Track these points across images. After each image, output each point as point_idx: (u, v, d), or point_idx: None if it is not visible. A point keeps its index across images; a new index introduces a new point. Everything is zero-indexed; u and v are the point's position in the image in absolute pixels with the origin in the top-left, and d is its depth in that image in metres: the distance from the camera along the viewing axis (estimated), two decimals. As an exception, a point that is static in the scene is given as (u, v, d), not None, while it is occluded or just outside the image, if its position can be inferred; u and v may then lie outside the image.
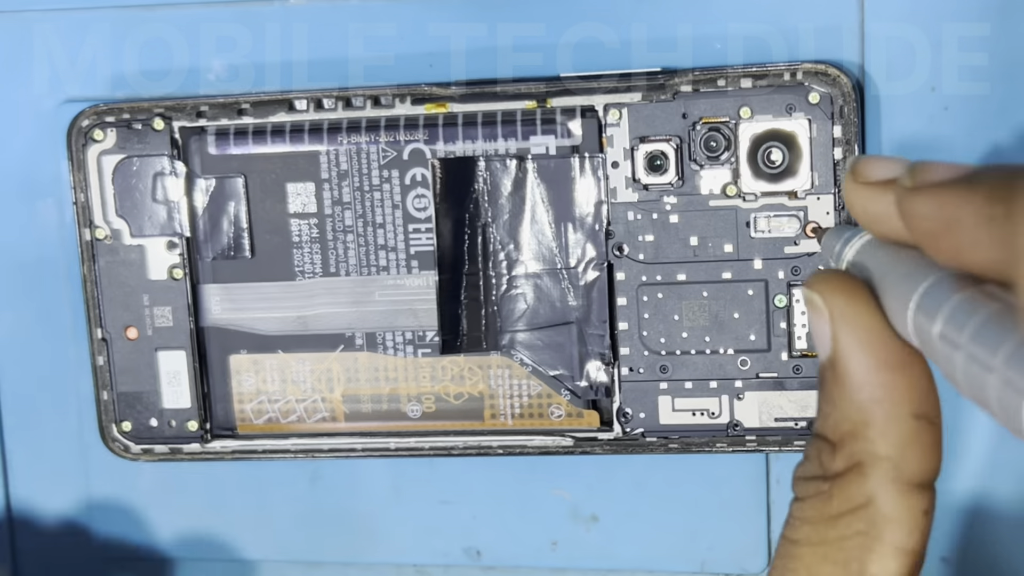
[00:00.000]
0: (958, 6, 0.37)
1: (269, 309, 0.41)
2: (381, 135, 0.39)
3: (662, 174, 0.38)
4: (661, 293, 0.39)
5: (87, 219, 0.41)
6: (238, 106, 0.40)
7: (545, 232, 0.39)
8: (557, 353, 0.40)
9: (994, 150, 0.37)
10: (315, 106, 0.40)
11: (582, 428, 0.40)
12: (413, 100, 0.39)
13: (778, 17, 0.38)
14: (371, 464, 0.42)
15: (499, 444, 0.40)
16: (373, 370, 0.41)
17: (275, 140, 0.40)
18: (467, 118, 0.39)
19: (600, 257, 0.39)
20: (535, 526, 0.42)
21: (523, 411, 0.40)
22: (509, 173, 0.39)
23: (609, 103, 0.38)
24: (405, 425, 0.41)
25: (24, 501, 0.45)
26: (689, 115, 0.38)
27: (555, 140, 0.38)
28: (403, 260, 0.40)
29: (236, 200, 0.40)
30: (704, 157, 0.38)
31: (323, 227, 0.40)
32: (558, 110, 0.38)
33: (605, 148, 0.38)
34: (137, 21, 0.41)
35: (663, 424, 0.39)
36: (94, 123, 0.40)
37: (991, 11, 0.36)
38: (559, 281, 0.39)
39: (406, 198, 0.40)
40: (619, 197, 0.38)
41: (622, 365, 0.39)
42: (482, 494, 0.42)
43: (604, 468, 0.41)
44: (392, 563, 0.43)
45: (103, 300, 0.41)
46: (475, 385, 0.40)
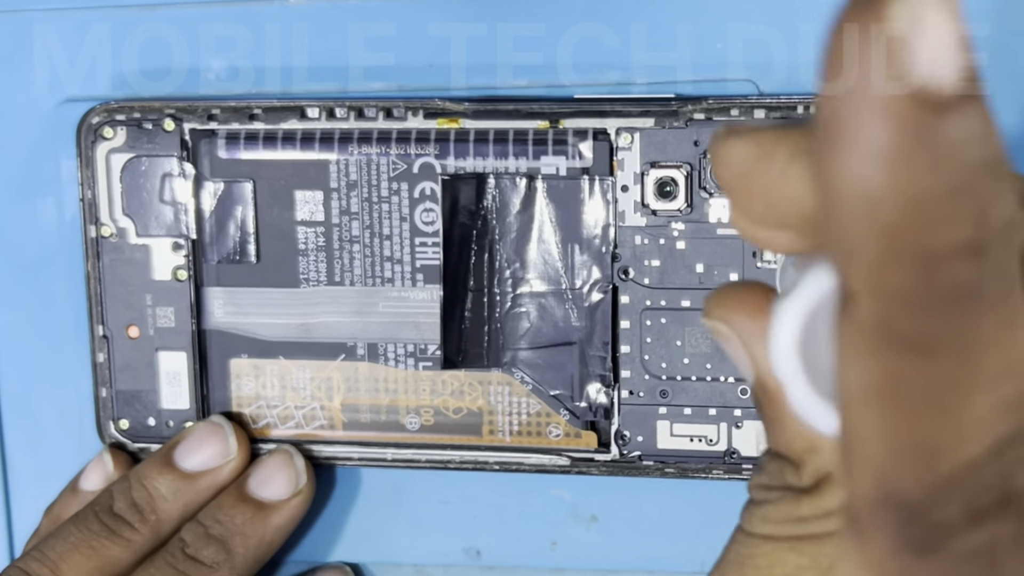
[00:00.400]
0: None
1: (272, 315, 0.41)
2: (392, 147, 0.39)
3: (671, 200, 0.38)
4: (665, 318, 0.39)
5: (93, 216, 0.41)
6: (250, 111, 0.40)
7: (552, 252, 0.39)
8: (558, 373, 0.40)
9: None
10: (327, 115, 0.39)
11: (580, 448, 0.40)
12: (425, 114, 0.39)
13: (778, 17, 0.38)
14: (369, 469, 0.42)
15: (496, 460, 0.40)
16: (373, 381, 0.41)
17: (286, 147, 0.40)
18: (479, 135, 0.39)
19: (605, 280, 0.39)
20: (535, 526, 0.42)
21: (521, 429, 0.40)
22: (518, 192, 0.39)
23: (621, 127, 0.38)
24: (403, 437, 0.41)
25: (24, 501, 0.45)
26: (701, 143, 0.38)
27: (566, 161, 0.38)
28: (408, 273, 0.40)
29: (244, 205, 0.40)
30: (714, 185, 0.38)
31: (330, 236, 0.40)
32: (570, 131, 0.38)
33: (615, 171, 0.38)
34: (137, 21, 0.41)
35: (660, 448, 0.39)
36: (104, 120, 0.40)
37: (991, 11, 0.36)
38: (563, 301, 0.39)
39: (414, 211, 0.40)
40: (627, 221, 0.38)
41: (622, 388, 0.39)
42: (482, 494, 0.42)
43: (604, 477, 0.41)
44: (392, 563, 0.43)
45: (106, 297, 0.41)
46: (474, 401, 0.40)
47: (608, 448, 0.40)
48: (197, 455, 0.40)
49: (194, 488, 0.39)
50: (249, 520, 0.39)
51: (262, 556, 0.39)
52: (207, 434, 0.40)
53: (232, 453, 0.40)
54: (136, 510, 0.38)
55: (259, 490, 0.39)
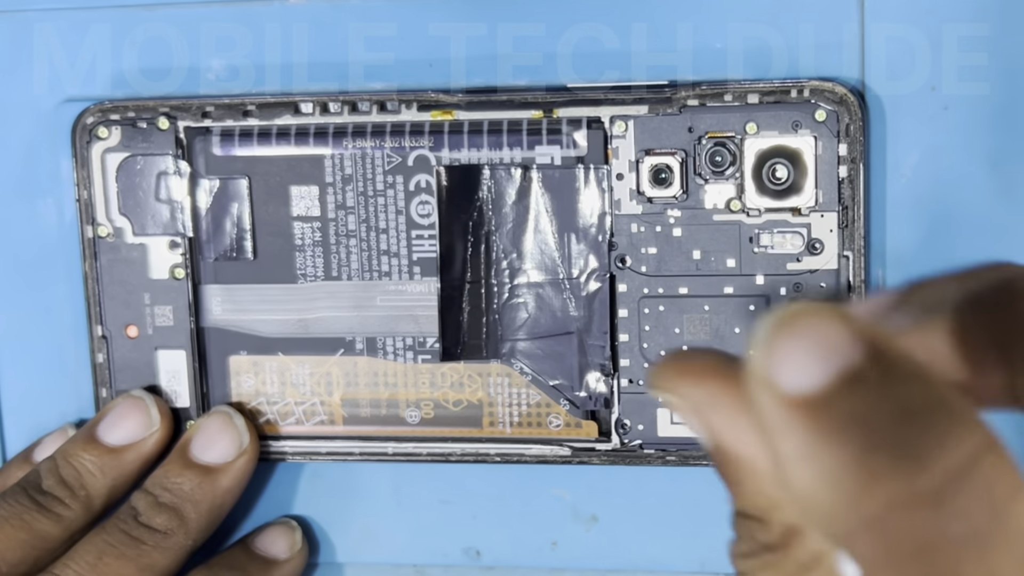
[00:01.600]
0: (958, 6, 0.37)
1: (270, 311, 0.41)
2: (386, 140, 0.39)
3: (667, 187, 0.38)
4: (663, 306, 0.39)
5: (90, 216, 0.41)
6: (243, 107, 0.40)
7: (548, 242, 0.39)
8: (557, 363, 0.40)
9: (994, 150, 0.37)
10: (321, 110, 0.39)
11: (580, 439, 0.40)
12: (419, 107, 0.39)
13: (778, 17, 0.38)
14: (371, 463, 0.42)
15: (497, 452, 0.40)
16: (373, 375, 0.41)
17: (280, 142, 0.40)
18: (472, 126, 0.39)
19: (602, 268, 0.39)
20: (535, 526, 0.42)
21: (522, 420, 0.40)
22: (513, 182, 0.39)
23: (615, 115, 0.38)
24: (403, 431, 0.41)
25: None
26: (695, 129, 0.38)
27: (560, 150, 0.38)
28: (405, 266, 0.40)
29: (239, 201, 0.40)
30: (709, 171, 0.38)
31: (326, 231, 0.40)
32: (564, 120, 0.38)
33: (610, 160, 0.38)
34: (137, 21, 0.41)
35: (661, 437, 0.39)
36: (99, 120, 0.40)
37: (991, 11, 0.36)
38: (561, 291, 0.39)
39: (410, 204, 0.40)
40: (623, 209, 0.38)
41: (622, 377, 0.39)
42: (482, 494, 0.42)
43: (604, 469, 0.41)
44: (391, 563, 0.43)
45: (104, 298, 0.41)
46: (474, 393, 0.40)
47: (609, 437, 0.40)
48: (120, 429, 0.40)
49: (120, 462, 0.39)
50: (198, 486, 0.39)
51: (215, 519, 0.39)
52: (129, 408, 0.40)
53: (155, 425, 0.40)
54: (65, 486, 0.39)
55: (203, 455, 0.39)
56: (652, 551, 0.41)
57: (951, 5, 0.37)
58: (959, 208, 0.37)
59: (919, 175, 0.38)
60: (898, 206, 0.38)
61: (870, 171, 0.37)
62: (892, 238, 0.38)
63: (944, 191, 0.37)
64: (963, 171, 0.37)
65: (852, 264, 0.37)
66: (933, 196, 0.38)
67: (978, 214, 0.37)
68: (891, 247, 0.38)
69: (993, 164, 0.37)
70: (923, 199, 0.38)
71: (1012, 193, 0.37)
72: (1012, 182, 0.37)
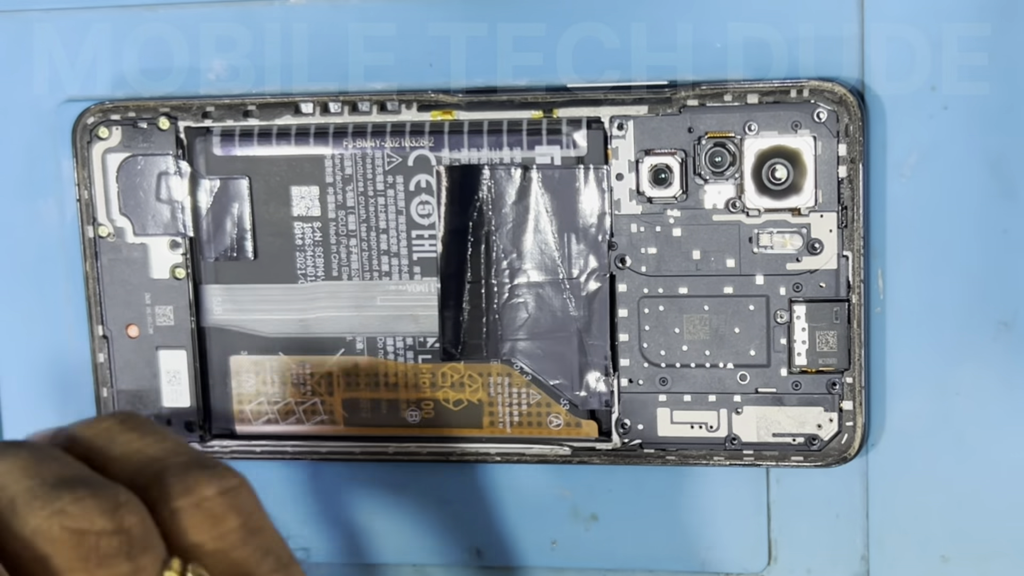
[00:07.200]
0: (958, 6, 0.37)
1: (270, 311, 0.41)
2: (386, 140, 0.39)
3: (666, 187, 0.38)
4: (662, 306, 0.39)
5: (90, 216, 0.41)
6: (244, 108, 0.40)
7: (548, 242, 0.39)
8: (557, 363, 0.40)
9: (994, 150, 0.37)
10: (321, 110, 0.39)
11: (580, 438, 0.40)
12: (419, 107, 0.39)
13: (778, 17, 0.38)
14: (371, 463, 0.42)
15: (497, 452, 0.40)
16: (373, 375, 0.41)
17: (280, 142, 0.40)
18: (473, 126, 0.39)
19: (602, 268, 0.39)
20: (535, 526, 0.42)
21: (522, 419, 0.40)
22: (513, 182, 0.39)
23: (615, 115, 0.38)
24: (404, 430, 0.41)
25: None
26: (695, 129, 0.38)
27: (560, 150, 0.38)
28: (405, 266, 0.40)
29: (240, 201, 0.40)
30: (709, 172, 0.38)
31: (326, 231, 0.40)
32: (564, 121, 0.38)
33: (610, 160, 0.38)
34: (137, 21, 0.41)
35: (661, 436, 0.39)
36: (99, 120, 0.40)
37: (991, 11, 0.36)
38: (561, 291, 0.39)
39: (410, 204, 0.40)
40: (623, 209, 0.38)
41: (622, 376, 0.39)
42: (482, 494, 0.42)
43: (604, 468, 0.41)
44: (391, 563, 0.43)
45: (105, 297, 0.41)
46: (475, 392, 0.40)
47: (609, 437, 0.40)
48: None
49: None
50: None
51: None
52: None
53: None
54: None
55: None
56: (652, 551, 0.41)
57: (951, 5, 0.37)
58: (959, 208, 0.38)
59: (919, 175, 0.38)
60: (898, 206, 0.38)
61: (870, 171, 0.38)
62: (892, 238, 0.38)
63: (944, 191, 0.38)
64: (963, 171, 0.37)
65: (851, 264, 0.37)
66: (933, 196, 0.38)
67: (978, 214, 0.37)
68: (891, 247, 0.38)
69: (993, 164, 0.37)
70: (923, 199, 0.38)
71: (1012, 193, 0.37)
72: (1012, 182, 0.37)
